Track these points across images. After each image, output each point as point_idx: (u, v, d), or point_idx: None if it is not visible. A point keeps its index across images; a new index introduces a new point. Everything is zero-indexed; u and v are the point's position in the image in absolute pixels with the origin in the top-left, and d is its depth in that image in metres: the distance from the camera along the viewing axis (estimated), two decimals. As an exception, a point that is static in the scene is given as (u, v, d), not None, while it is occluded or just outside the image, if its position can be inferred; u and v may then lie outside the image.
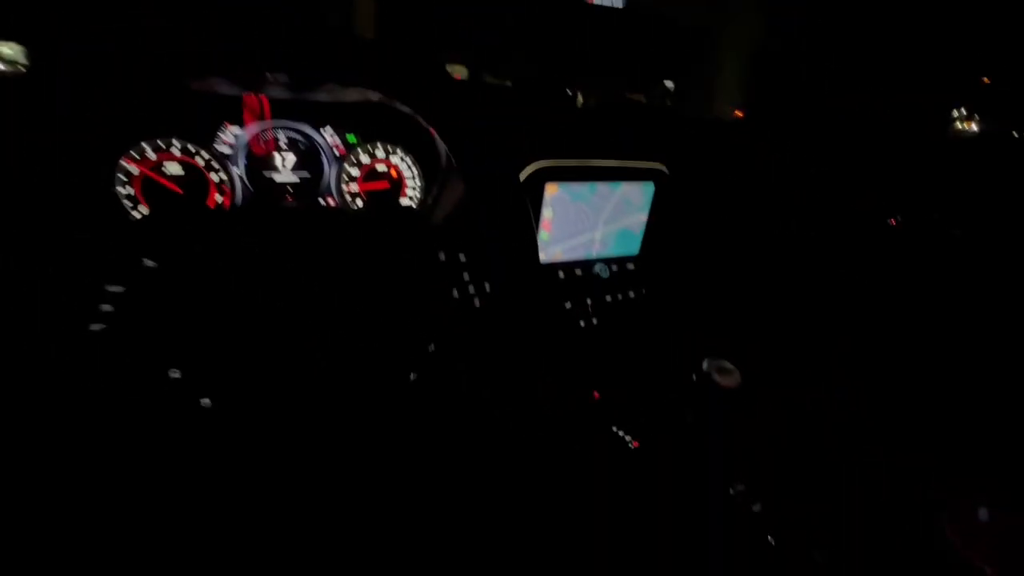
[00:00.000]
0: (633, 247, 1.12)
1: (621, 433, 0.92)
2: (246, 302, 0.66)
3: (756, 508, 0.79)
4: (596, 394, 1.02)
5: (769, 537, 0.76)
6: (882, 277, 1.38)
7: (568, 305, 1.04)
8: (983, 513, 0.62)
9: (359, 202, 0.97)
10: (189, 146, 0.82)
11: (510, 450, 0.85)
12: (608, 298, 1.09)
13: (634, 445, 0.90)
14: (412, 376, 0.66)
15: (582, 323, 1.06)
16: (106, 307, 0.54)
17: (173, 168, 0.82)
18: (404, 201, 1.01)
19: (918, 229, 1.61)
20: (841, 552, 0.69)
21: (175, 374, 0.56)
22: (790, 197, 1.34)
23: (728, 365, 0.83)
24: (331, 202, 0.95)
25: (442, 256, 0.71)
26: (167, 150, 0.81)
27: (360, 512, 0.68)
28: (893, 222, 1.63)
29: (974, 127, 1.54)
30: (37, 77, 0.63)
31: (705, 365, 0.82)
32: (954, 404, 1.01)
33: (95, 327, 0.53)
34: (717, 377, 0.81)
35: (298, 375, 0.66)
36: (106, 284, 0.55)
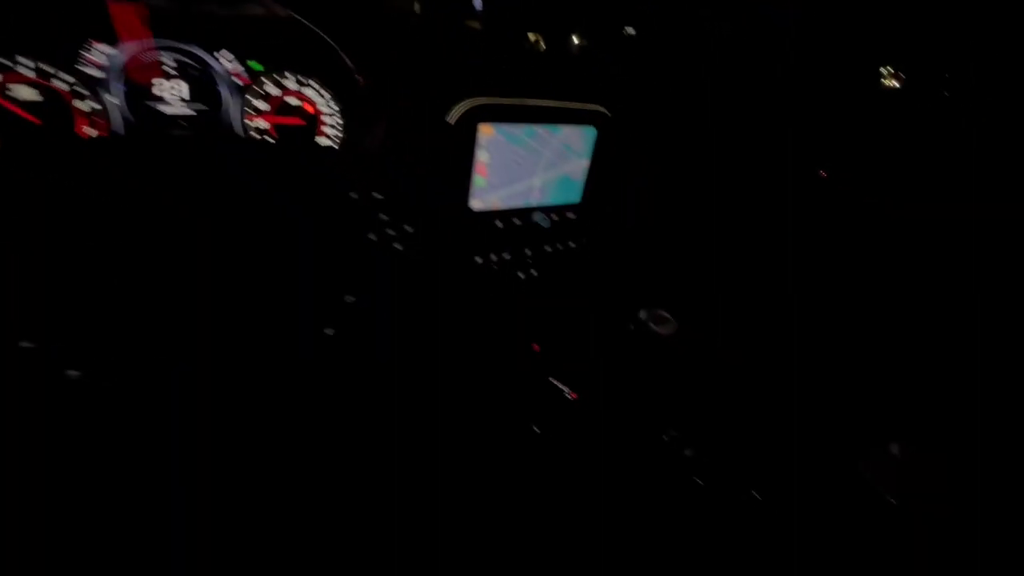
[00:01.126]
0: (574, 195, 1.07)
1: (559, 385, 0.90)
2: (128, 245, 0.56)
3: (688, 453, 0.81)
4: (536, 347, 1.00)
5: (698, 479, 0.78)
6: (817, 237, 1.41)
7: (507, 256, 1.00)
8: (894, 449, 0.66)
9: (268, 140, 0.85)
10: (44, 66, 0.68)
11: (441, 408, 0.82)
12: (548, 248, 1.05)
13: (572, 396, 0.89)
14: (329, 331, 0.60)
15: (521, 274, 1.02)
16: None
17: (25, 92, 0.67)
18: (323, 141, 0.90)
19: (847, 183, 1.65)
20: (768, 491, 0.72)
21: (28, 344, 0.47)
22: (728, 150, 1.33)
23: (665, 314, 0.82)
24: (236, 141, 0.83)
25: (354, 195, 0.64)
26: (14, 70, 0.66)
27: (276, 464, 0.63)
28: (823, 174, 1.68)
29: (897, 84, 1.58)
30: None
31: (642, 315, 0.81)
32: (873, 360, 1.04)
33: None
34: (654, 326, 0.80)
35: (191, 331, 0.58)
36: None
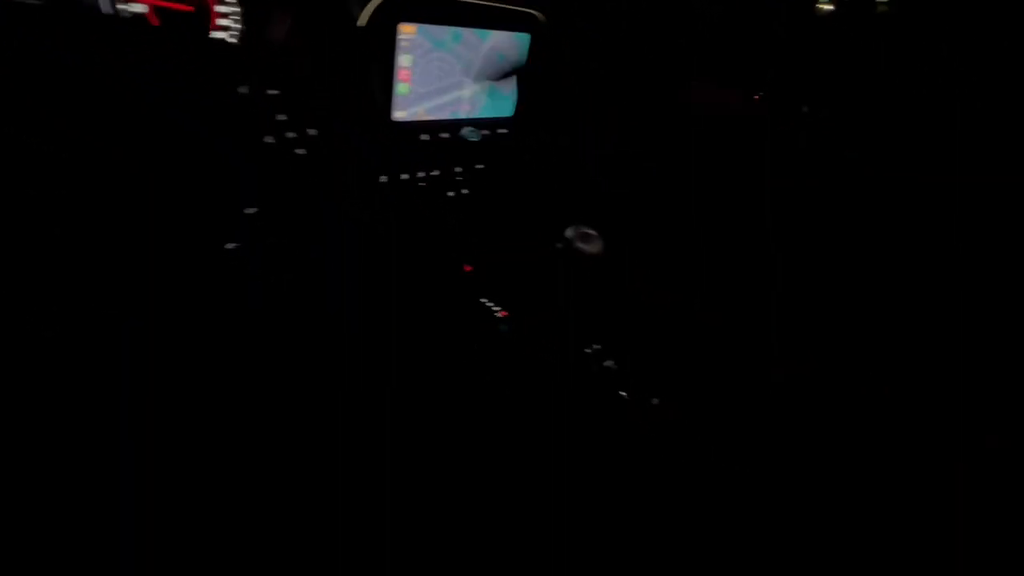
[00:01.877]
0: (506, 109, 1.03)
1: (489, 304, 0.91)
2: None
3: (610, 364, 0.86)
4: (467, 267, 0.99)
5: (621, 392, 0.83)
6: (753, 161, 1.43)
7: (435, 172, 0.96)
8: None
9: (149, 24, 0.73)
10: None
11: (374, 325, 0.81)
12: (479, 165, 1.02)
13: (502, 315, 0.90)
14: (230, 246, 0.55)
15: (451, 193, 0.99)
16: None
17: None
18: (217, 33, 0.79)
19: (781, 107, 1.68)
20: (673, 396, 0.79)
21: None
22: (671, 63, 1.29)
23: (592, 232, 0.83)
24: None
25: (244, 89, 0.57)
26: None
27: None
28: (756, 98, 1.70)
29: (831, 6, 1.57)
30: None
31: (568, 232, 0.82)
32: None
33: None
34: (580, 245, 0.81)
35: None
36: None
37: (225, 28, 0.79)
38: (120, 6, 0.71)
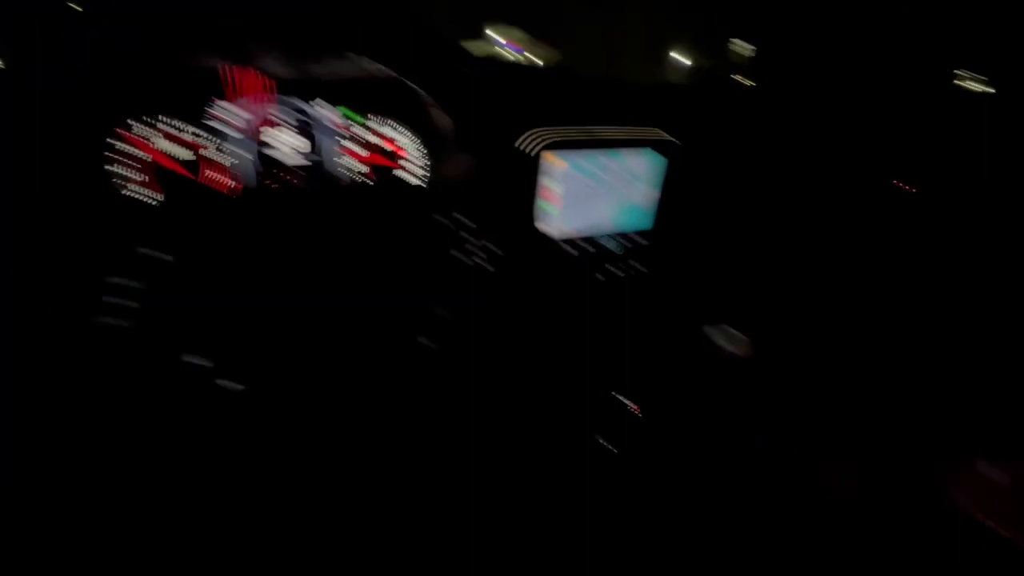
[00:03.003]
0: (645, 221, 1.11)
1: (621, 399, 0.92)
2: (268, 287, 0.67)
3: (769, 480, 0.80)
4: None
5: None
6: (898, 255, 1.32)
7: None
8: (983, 468, 0.62)
9: (365, 182, 0.96)
10: (191, 127, 0.82)
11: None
12: (620, 273, 1.10)
13: (635, 410, 0.90)
14: (423, 341, 0.68)
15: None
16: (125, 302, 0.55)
17: (182, 152, 0.81)
18: (411, 180, 1.00)
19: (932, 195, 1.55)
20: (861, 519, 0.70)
21: (199, 360, 0.57)
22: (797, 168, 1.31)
23: (735, 332, 0.83)
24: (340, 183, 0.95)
25: (442, 219, 0.73)
26: (177, 132, 0.80)
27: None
28: (905, 187, 1.59)
29: (975, 86, 1.52)
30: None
31: (708, 331, 0.83)
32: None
33: (112, 321, 0.53)
34: (725, 344, 0.81)
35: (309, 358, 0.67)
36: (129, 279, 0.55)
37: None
38: (347, 167, 0.95)
